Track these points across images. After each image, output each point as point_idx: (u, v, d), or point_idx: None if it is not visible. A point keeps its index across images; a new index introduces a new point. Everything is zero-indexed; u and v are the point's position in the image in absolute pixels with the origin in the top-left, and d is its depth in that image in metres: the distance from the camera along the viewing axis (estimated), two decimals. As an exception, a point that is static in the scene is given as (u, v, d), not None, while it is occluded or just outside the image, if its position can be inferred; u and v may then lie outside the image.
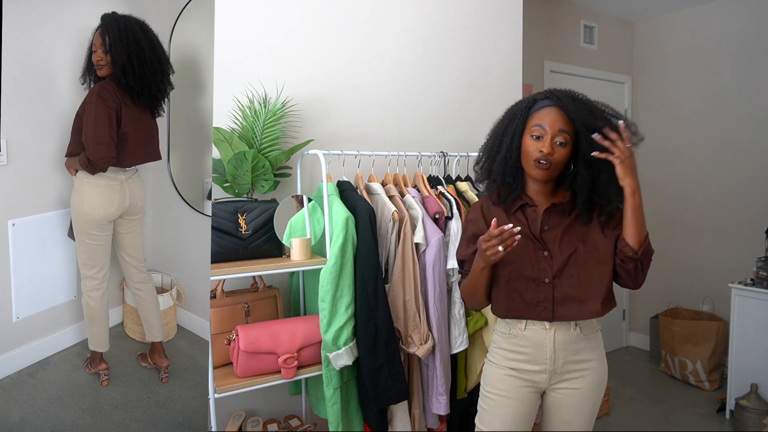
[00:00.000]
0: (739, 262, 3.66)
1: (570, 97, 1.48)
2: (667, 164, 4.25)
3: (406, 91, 2.49)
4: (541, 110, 1.48)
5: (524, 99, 1.56)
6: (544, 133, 1.46)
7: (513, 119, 1.52)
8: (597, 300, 1.51)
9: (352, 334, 1.84)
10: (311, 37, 2.25)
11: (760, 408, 2.98)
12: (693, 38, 4.06)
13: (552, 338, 1.53)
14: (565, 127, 1.46)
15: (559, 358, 1.54)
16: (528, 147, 1.48)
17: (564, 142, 1.46)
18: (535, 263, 1.52)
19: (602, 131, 1.41)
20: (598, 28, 4.15)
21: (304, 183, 2.19)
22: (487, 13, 2.76)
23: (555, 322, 1.52)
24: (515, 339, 1.57)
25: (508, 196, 1.55)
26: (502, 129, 1.54)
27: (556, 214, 1.54)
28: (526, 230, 1.53)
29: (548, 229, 1.54)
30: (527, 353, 1.55)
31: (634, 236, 1.45)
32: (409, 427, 1.99)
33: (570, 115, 1.45)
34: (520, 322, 1.56)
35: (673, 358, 3.82)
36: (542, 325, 1.54)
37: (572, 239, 1.52)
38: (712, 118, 3.98)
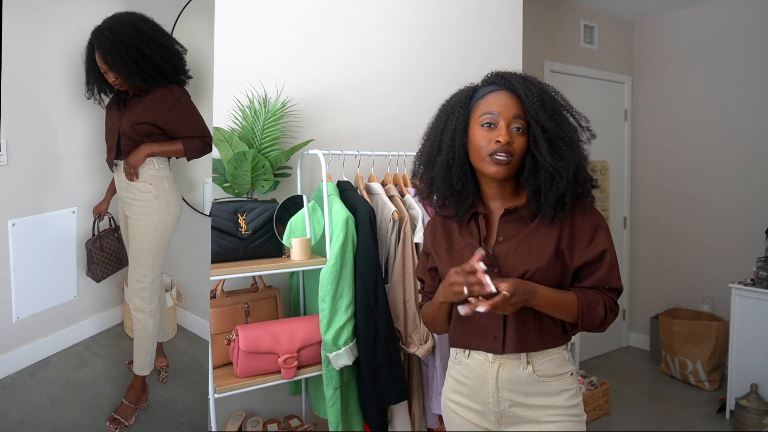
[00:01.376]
0: (739, 262, 3.66)
1: (520, 78, 1.24)
2: (666, 164, 4.25)
3: (406, 91, 2.49)
4: (488, 96, 1.25)
5: (461, 90, 1.32)
6: (496, 120, 1.21)
7: (452, 113, 1.28)
8: (557, 328, 1.27)
9: (352, 334, 1.84)
10: (311, 37, 2.25)
11: (760, 408, 2.98)
12: (693, 38, 4.06)
13: (495, 374, 1.27)
14: (520, 113, 1.22)
15: (503, 399, 1.27)
16: (478, 140, 1.22)
17: (521, 128, 1.21)
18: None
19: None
20: (598, 28, 4.15)
21: (304, 183, 2.19)
22: (487, 13, 2.76)
23: (503, 354, 1.26)
24: (459, 366, 1.36)
25: (459, 206, 1.29)
26: (441, 127, 1.29)
27: (514, 222, 1.27)
28: (475, 243, 1.28)
29: (503, 240, 1.27)
30: (469, 386, 1.32)
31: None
32: (409, 427, 1.99)
33: (522, 99, 1.22)
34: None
35: (673, 358, 3.82)
36: (485, 356, 1.28)
37: (530, 252, 1.24)
38: (712, 117, 3.98)
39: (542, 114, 1.20)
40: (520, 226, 1.27)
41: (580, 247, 1.25)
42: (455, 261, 1.27)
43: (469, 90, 1.30)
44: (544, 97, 1.22)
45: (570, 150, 1.20)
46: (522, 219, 1.27)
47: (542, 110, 1.20)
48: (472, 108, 1.27)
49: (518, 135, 1.21)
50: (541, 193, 1.21)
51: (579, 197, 1.25)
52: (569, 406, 1.28)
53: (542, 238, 1.25)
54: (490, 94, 1.25)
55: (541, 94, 1.22)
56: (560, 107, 1.25)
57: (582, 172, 1.23)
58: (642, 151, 4.42)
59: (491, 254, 1.26)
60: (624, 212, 4.46)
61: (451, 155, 1.25)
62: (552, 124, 1.20)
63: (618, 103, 4.37)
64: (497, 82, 1.26)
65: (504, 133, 1.19)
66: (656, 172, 4.33)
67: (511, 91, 1.24)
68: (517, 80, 1.24)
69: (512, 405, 1.27)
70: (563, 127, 1.21)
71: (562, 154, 1.20)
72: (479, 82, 1.32)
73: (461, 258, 1.25)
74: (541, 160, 1.20)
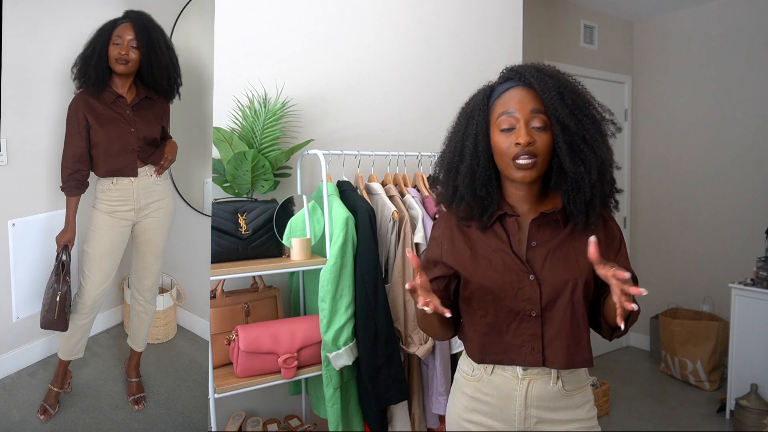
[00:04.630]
0: (739, 262, 3.66)
1: (534, 71, 1.16)
2: (666, 164, 4.25)
3: (406, 91, 2.49)
4: (504, 95, 1.17)
5: (478, 90, 1.24)
6: (515, 121, 1.14)
7: (471, 117, 1.20)
8: (588, 343, 1.19)
9: (352, 334, 1.84)
10: (311, 37, 2.25)
11: (760, 408, 2.98)
12: (693, 38, 4.06)
13: (524, 391, 1.20)
14: (540, 107, 1.13)
15: (530, 417, 1.20)
16: (499, 145, 1.15)
17: (543, 126, 1.13)
18: (518, 291, 1.17)
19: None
20: (598, 28, 4.15)
21: (304, 183, 2.19)
22: (487, 13, 2.76)
23: (530, 369, 1.19)
24: (478, 383, 1.25)
25: (484, 212, 1.20)
26: (461, 132, 1.22)
27: (546, 227, 1.20)
28: (506, 248, 1.19)
29: (536, 245, 1.19)
30: (491, 404, 1.23)
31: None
32: (409, 427, 1.99)
33: (539, 94, 1.13)
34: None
35: (673, 358, 3.82)
36: (513, 372, 1.20)
37: (569, 261, 1.17)
38: (712, 118, 3.98)
39: (562, 109, 1.11)
40: (553, 231, 1.19)
41: (612, 257, 1.19)
42: (482, 267, 1.20)
43: (486, 90, 1.22)
44: (562, 89, 1.14)
45: (591, 151, 1.12)
46: (555, 223, 1.20)
47: (561, 105, 1.12)
48: (490, 109, 1.19)
49: (541, 132, 1.13)
50: (570, 198, 1.15)
51: (606, 199, 1.19)
52: (590, 417, 1.24)
53: (578, 245, 1.17)
54: (506, 92, 1.17)
55: (559, 86, 1.14)
56: (580, 98, 1.16)
57: (607, 173, 1.16)
58: (642, 151, 4.42)
59: (525, 260, 1.18)
60: (624, 212, 4.46)
61: (475, 161, 1.18)
62: (572, 121, 1.12)
63: (618, 103, 4.37)
64: (512, 78, 1.18)
65: (523, 134, 1.12)
66: (656, 173, 4.33)
67: (527, 86, 1.15)
68: (532, 73, 1.15)
69: (538, 422, 1.21)
70: (584, 124, 1.13)
71: (583, 157, 1.12)
72: (495, 80, 1.24)
73: (489, 264, 1.19)
74: (563, 163, 1.13)
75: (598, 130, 1.15)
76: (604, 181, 1.15)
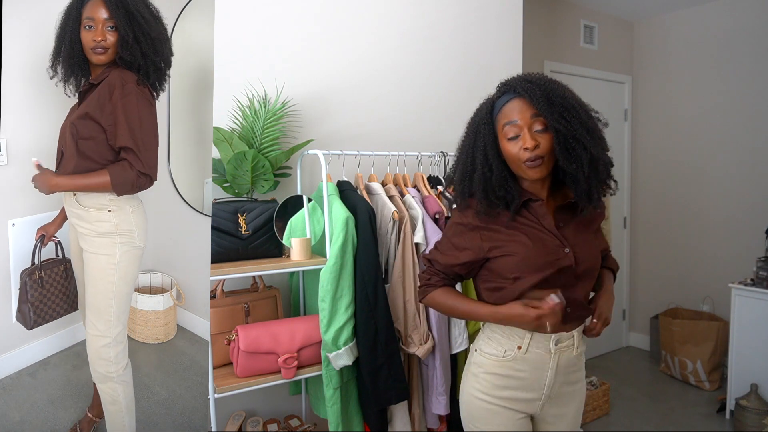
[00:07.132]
0: (739, 262, 3.66)
1: (523, 82, 1.30)
2: (666, 164, 4.25)
3: (406, 91, 2.49)
4: (504, 107, 1.31)
5: (480, 105, 1.39)
6: (518, 129, 1.28)
7: (478, 131, 1.35)
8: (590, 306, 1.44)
9: (352, 334, 1.85)
10: (311, 37, 2.25)
11: (760, 408, 2.98)
12: (693, 38, 4.06)
13: (555, 362, 1.38)
14: (538, 111, 1.27)
15: (557, 383, 1.40)
16: (510, 152, 1.30)
17: (544, 128, 1.27)
18: (556, 261, 1.33)
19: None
20: (598, 28, 4.15)
21: (304, 183, 2.19)
22: (487, 13, 2.76)
23: (560, 344, 1.37)
24: (511, 362, 1.38)
25: (510, 203, 1.34)
26: (470, 145, 1.36)
27: (566, 211, 1.39)
28: (539, 226, 1.35)
29: (563, 226, 1.37)
30: (524, 379, 1.38)
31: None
32: (409, 427, 1.99)
33: (532, 103, 1.27)
34: (520, 342, 1.37)
35: (673, 358, 3.82)
36: (546, 348, 1.36)
37: (587, 239, 1.39)
38: (712, 118, 3.98)
39: (551, 115, 1.25)
40: (570, 216, 1.39)
41: (592, 235, 1.44)
42: (520, 244, 1.33)
43: (488, 104, 1.36)
44: (549, 94, 1.26)
45: (582, 148, 1.26)
46: (571, 209, 1.39)
47: (550, 111, 1.25)
48: (495, 122, 1.33)
49: (543, 134, 1.27)
50: (573, 188, 1.33)
51: (602, 186, 1.34)
52: (584, 375, 1.49)
53: (589, 228, 1.42)
54: (506, 104, 1.31)
55: (546, 92, 1.26)
56: (567, 101, 1.27)
57: (600, 162, 1.29)
58: (642, 151, 4.42)
59: (563, 236, 1.35)
60: (624, 212, 4.46)
61: (488, 170, 1.31)
62: (563, 123, 1.25)
63: (618, 103, 4.37)
64: (508, 91, 1.33)
65: (528, 139, 1.26)
66: (656, 173, 4.33)
67: (522, 97, 1.29)
68: (522, 85, 1.29)
69: (561, 385, 1.41)
70: (572, 125, 1.25)
71: (575, 155, 1.26)
72: (494, 94, 1.38)
73: (528, 239, 1.33)
74: (559, 161, 1.29)
75: (586, 128, 1.27)
76: (598, 171, 1.30)
